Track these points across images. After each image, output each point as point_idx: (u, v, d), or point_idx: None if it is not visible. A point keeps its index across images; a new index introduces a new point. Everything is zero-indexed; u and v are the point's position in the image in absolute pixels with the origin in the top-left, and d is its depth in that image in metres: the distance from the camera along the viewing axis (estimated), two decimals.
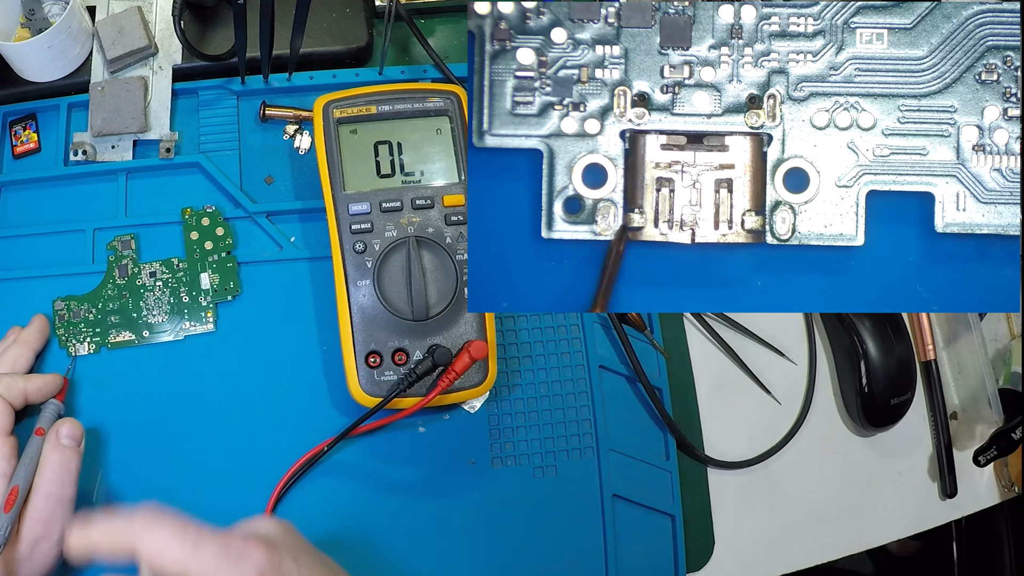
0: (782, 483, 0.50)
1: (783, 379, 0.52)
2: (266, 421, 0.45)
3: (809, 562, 0.49)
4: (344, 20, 0.52)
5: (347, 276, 0.43)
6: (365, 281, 0.43)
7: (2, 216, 0.48)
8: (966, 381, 0.53)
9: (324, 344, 0.47)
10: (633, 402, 0.49)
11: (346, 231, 0.43)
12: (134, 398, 0.45)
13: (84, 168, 0.48)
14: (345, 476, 0.45)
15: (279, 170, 0.50)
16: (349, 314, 0.43)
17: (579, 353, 0.48)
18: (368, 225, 0.43)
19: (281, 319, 0.47)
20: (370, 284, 0.43)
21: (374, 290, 0.43)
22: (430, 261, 0.43)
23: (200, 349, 0.46)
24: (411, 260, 0.43)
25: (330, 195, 0.44)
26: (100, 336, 0.45)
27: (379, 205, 0.44)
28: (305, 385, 0.46)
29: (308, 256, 0.48)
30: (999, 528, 0.60)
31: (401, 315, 0.43)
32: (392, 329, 0.43)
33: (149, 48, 0.49)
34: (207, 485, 0.44)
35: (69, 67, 0.49)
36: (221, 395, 0.45)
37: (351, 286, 0.43)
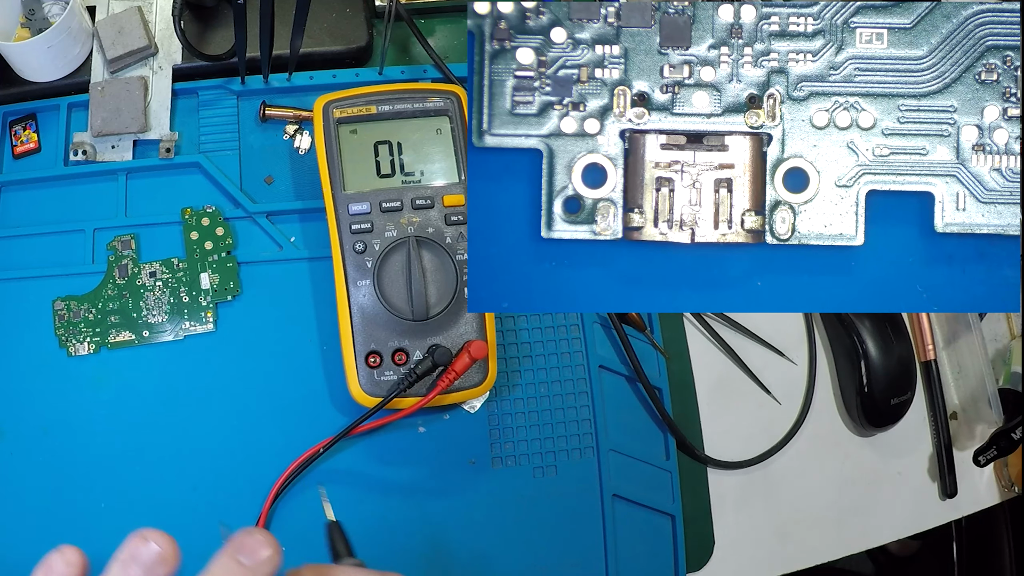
0: (782, 483, 0.50)
1: (783, 379, 0.52)
2: (266, 421, 0.45)
3: (809, 562, 0.49)
4: (344, 20, 0.52)
5: (347, 276, 0.43)
6: (365, 281, 0.43)
7: (2, 216, 0.48)
8: (966, 381, 0.53)
9: (324, 344, 0.47)
10: (633, 402, 0.49)
11: (346, 231, 0.43)
12: (134, 398, 0.45)
13: (84, 168, 0.48)
14: (345, 476, 0.45)
15: (279, 170, 0.50)
16: (349, 314, 0.43)
17: (579, 353, 0.48)
18: (368, 225, 0.43)
19: (281, 319, 0.47)
20: (370, 284, 0.43)
21: (374, 290, 0.43)
22: (430, 261, 0.43)
23: (200, 349, 0.46)
24: (411, 260, 0.43)
25: (330, 195, 0.44)
26: (100, 336, 0.45)
27: (379, 205, 0.44)
28: (305, 385, 0.46)
29: (308, 256, 0.48)
30: (999, 528, 0.60)
31: (401, 315, 0.43)
32: (392, 329, 0.43)
33: (149, 48, 0.49)
34: (207, 485, 0.44)
35: (69, 67, 0.49)
36: (221, 395, 0.45)
37: (351, 286, 0.43)
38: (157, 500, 0.44)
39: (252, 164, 0.50)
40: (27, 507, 0.43)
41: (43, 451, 0.44)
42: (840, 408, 0.52)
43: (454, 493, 0.45)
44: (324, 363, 0.46)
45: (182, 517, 0.43)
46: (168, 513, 0.43)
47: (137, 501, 0.43)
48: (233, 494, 0.44)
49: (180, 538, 0.43)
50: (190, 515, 0.43)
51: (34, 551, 0.42)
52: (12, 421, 0.44)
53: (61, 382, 0.45)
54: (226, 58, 0.49)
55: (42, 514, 0.43)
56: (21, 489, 0.43)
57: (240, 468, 0.44)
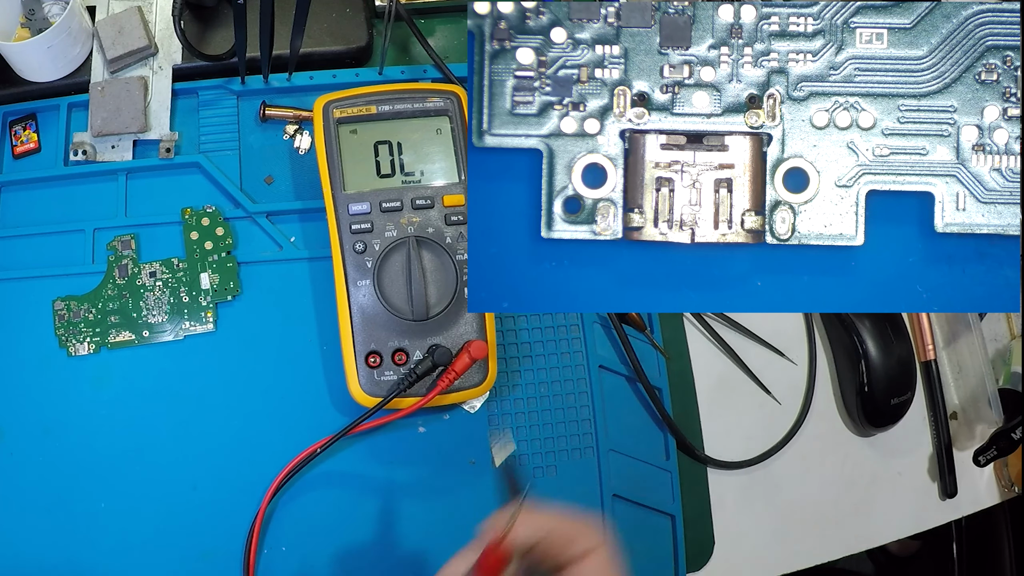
0: (782, 483, 0.50)
1: (783, 379, 0.52)
2: (266, 421, 0.45)
3: (809, 562, 0.49)
4: (344, 20, 0.52)
5: (347, 276, 0.43)
6: (365, 281, 0.43)
7: (2, 216, 0.48)
8: (966, 381, 0.53)
9: (324, 344, 0.47)
10: (633, 402, 0.49)
11: (346, 231, 0.43)
12: (134, 398, 0.45)
13: (84, 168, 0.48)
14: (345, 476, 0.45)
15: (279, 170, 0.50)
16: (349, 314, 0.43)
17: (579, 353, 0.48)
18: (368, 225, 0.43)
19: (281, 319, 0.47)
20: (370, 284, 0.43)
21: (374, 290, 0.43)
22: (430, 261, 0.43)
23: (200, 349, 0.46)
24: (411, 260, 0.43)
25: (330, 195, 0.44)
26: (100, 336, 0.45)
27: (379, 205, 0.44)
28: (305, 385, 0.46)
29: (308, 256, 0.48)
30: (999, 528, 0.60)
31: (401, 315, 0.43)
32: (392, 329, 0.43)
33: (149, 48, 0.49)
34: (207, 484, 0.44)
35: (69, 67, 0.49)
36: (221, 395, 0.45)
37: (351, 286, 0.43)
38: (157, 499, 0.44)
39: (252, 164, 0.50)
40: (27, 507, 0.43)
41: (43, 451, 0.44)
42: (840, 408, 0.52)
43: (454, 493, 0.45)
44: (324, 363, 0.46)
45: (182, 516, 0.43)
46: (168, 512, 0.43)
47: (137, 500, 0.43)
48: (233, 493, 0.44)
49: (180, 536, 0.43)
50: (190, 514, 0.43)
51: (34, 550, 0.43)
52: (12, 421, 0.44)
53: (61, 382, 0.45)
54: (226, 58, 0.49)
55: (42, 514, 0.43)
56: (21, 489, 0.43)
57: (240, 468, 0.44)
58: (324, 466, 0.45)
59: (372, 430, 0.45)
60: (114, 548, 0.43)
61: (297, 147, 0.50)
